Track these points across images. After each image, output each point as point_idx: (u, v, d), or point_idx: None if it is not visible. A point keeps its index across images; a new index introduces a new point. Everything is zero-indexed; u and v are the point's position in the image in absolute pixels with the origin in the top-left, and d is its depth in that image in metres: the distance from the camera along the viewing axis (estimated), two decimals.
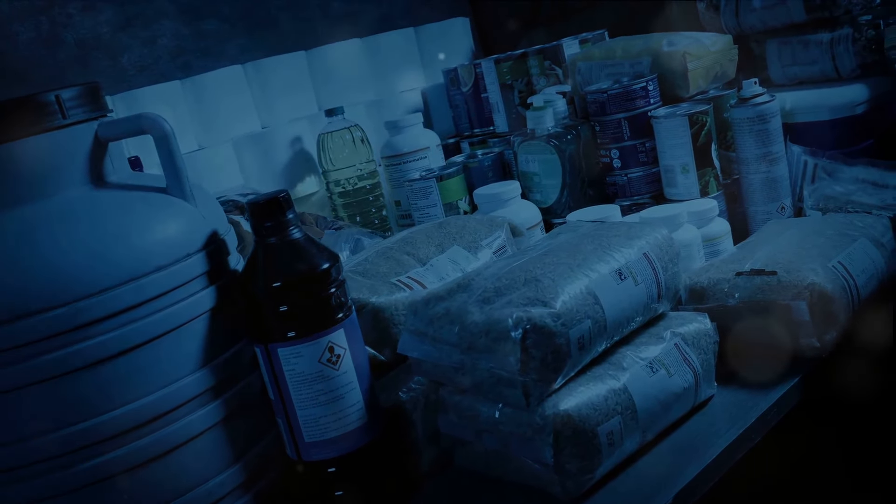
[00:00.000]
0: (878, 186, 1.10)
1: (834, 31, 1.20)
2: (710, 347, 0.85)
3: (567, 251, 0.81)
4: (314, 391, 0.74)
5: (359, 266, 0.93)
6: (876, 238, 0.97)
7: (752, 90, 1.12)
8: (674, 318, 0.87)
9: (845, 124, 1.16)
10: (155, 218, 0.71)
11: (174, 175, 0.74)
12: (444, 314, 0.77)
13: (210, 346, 0.73)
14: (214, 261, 0.75)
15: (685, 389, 0.81)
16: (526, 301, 0.74)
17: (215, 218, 0.77)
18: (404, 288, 0.88)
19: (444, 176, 1.22)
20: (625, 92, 1.17)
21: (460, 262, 0.93)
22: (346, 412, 0.76)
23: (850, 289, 0.90)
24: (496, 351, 0.72)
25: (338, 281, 0.76)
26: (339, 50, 1.65)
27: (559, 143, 1.18)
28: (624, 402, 0.76)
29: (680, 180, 1.14)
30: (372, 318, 0.86)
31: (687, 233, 1.02)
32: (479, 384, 0.76)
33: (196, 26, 1.60)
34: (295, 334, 0.73)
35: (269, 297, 0.73)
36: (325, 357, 0.74)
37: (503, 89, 1.44)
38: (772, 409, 0.84)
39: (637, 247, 0.83)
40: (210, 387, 0.73)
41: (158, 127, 0.72)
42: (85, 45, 1.47)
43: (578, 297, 0.75)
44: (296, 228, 0.76)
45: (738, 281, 0.91)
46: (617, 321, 0.78)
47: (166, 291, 0.69)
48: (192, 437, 0.72)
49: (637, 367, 0.79)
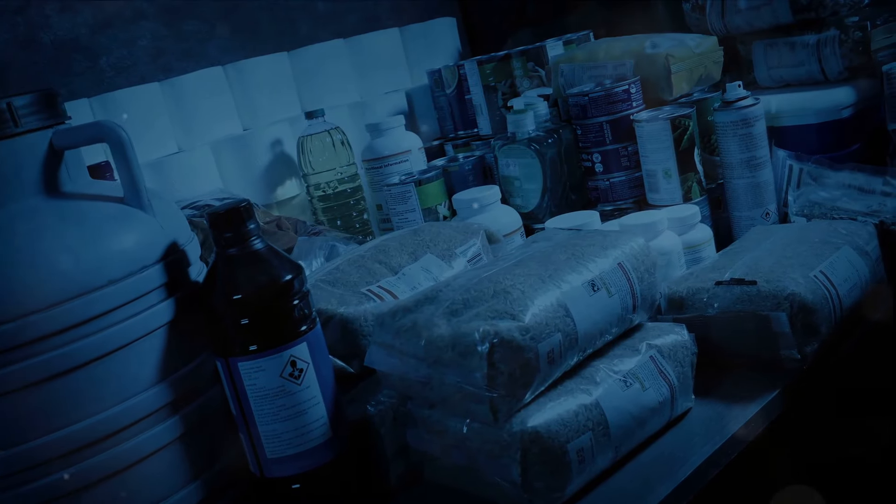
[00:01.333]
0: (864, 192, 1.07)
1: (821, 32, 1.17)
2: (688, 360, 0.83)
3: (539, 261, 0.79)
4: (276, 406, 0.72)
5: (329, 275, 0.90)
6: (860, 246, 0.95)
7: (736, 93, 1.10)
8: (650, 329, 0.85)
9: (831, 128, 1.14)
10: (109, 229, 0.68)
11: (131, 184, 0.71)
12: (410, 327, 0.75)
13: (168, 361, 0.71)
14: (173, 272, 0.72)
15: (660, 403, 0.79)
16: (494, 314, 0.72)
17: (175, 228, 0.75)
18: (374, 298, 0.86)
19: (422, 180, 1.19)
20: (606, 95, 1.14)
21: (433, 270, 0.91)
22: (309, 428, 0.73)
23: (832, 299, 0.87)
24: (462, 365, 0.70)
25: (301, 293, 0.74)
26: (321, 51, 1.63)
27: (540, 147, 1.16)
28: (595, 417, 0.74)
29: (662, 185, 1.12)
30: (340, 329, 0.84)
31: (667, 240, 1.00)
32: (447, 399, 0.74)
33: (176, 27, 1.57)
34: (256, 348, 0.71)
35: (229, 310, 0.71)
36: (287, 371, 0.72)
37: (486, 91, 1.42)
38: (750, 423, 0.81)
39: (612, 257, 0.81)
40: (168, 402, 0.71)
41: (115, 135, 0.70)
42: (62, 47, 1.45)
43: (549, 310, 0.73)
44: (257, 239, 0.73)
45: (718, 290, 0.89)
46: (589, 334, 0.76)
47: (119, 305, 0.67)
48: (148, 455, 0.70)
49: (610, 382, 0.77)
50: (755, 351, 0.87)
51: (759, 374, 0.87)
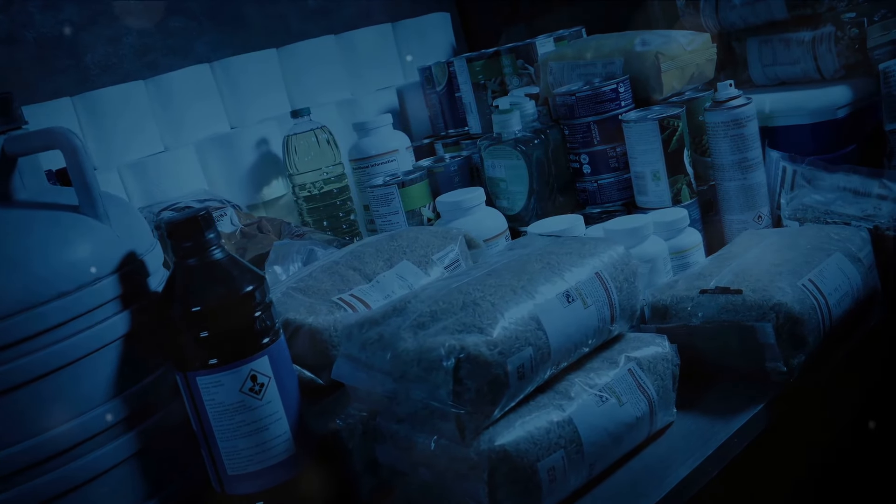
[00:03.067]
0: (860, 195, 1.04)
1: (816, 29, 1.14)
2: (669, 372, 0.80)
3: (512, 271, 0.76)
4: (235, 422, 0.70)
5: (301, 282, 0.88)
6: (852, 253, 0.92)
7: (728, 93, 1.06)
8: (630, 340, 0.82)
9: (826, 129, 1.10)
10: (60, 239, 0.66)
11: (85, 192, 0.69)
12: (377, 339, 0.72)
13: (124, 374, 0.69)
14: (129, 284, 0.70)
15: (638, 419, 0.76)
16: (461, 327, 0.69)
17: (134, 236, 0.73)
18: (345, 307, 0.83)
19: (406, 182, 1.17)
20: (594, 94, 1.11)
21: (408, 278, 0.88)
22: (271, 444, 0.71)
23: (821, 309, 0.84)
24: (428, 381, 0.68)
25: (263, 304, 0.72)
26: (311, 47, 1.60)
27: (526, 149, 1.13)
28: (568, 434, 0.71)
29: (651, 188, 1.09)
30: (309, 339, 0.81)
31: (653, 245, 0.96)
32: (414, 415, 0.71)
33: (162, 24, 1.55)
34: (216, 362, 0.69)
35: (187, 323, 0.68)
36: (248, 386, 0.69)
37: (476, 89, 1.39)
38: (732, 438, 0.78)
39: (589, 266, 0.78)
40: (122, 418, 0.68)
41: (68, 141, 0.68)
42: (45, 44, 1.43)
43: (520, 323, 0.70)
44: (217, 249, 0.71)
45: (702, 299, 0.86)
46: (563, 347, 0.73)
47: (70, 319, 0.65)
48: (102, 472, 0.67)
49: (585, 397, 0.74)
50: (740, 362, 0.84)
51: (745, 386, 0.84)
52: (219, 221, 1.14)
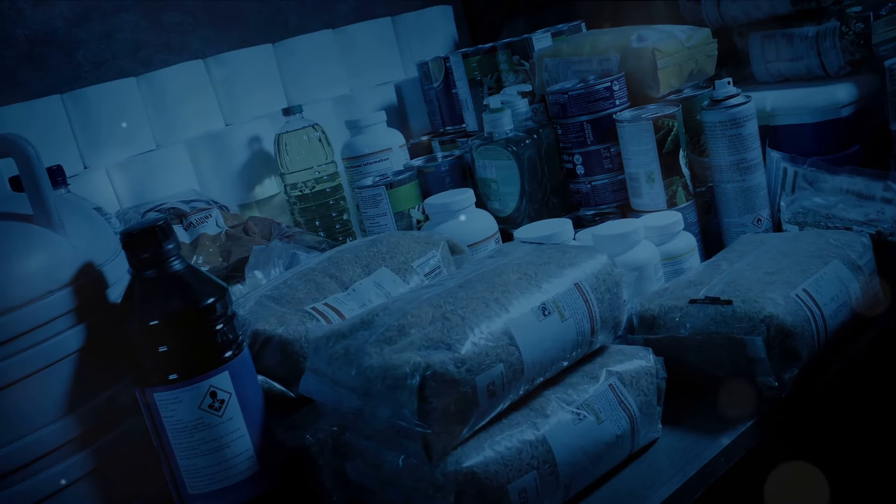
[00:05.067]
0: (863, 197, 0.99)
1: (820, 24, 1.09)
2: (653, 388, 0.77)
3: (486, 282, 0.73)
4: (195, 440, 0.67)
5: (276, 290, 0.85)
6: (852, 260, 0.88)
7: (725, 91, 1.02)
8: (613, 353, 0.78)
9: (830, 128, 1.06)
10: (8, 252, 0.64)
11: (39, 202, 0.66)
12: (343, 354, 0.69)
13: (78, 390, 0.66)
14: (85, 296, 0.67)
15: (618, 437, 0.72)
16: (428, 343, 0.66)
17: (93, 246, 0.70)
18: (318, 317, 0.81)
19: (394, 183, 1.13)
20: (587, 93, 1.07)
21: (386, 286, 0.85)
22: (232, 462, 0.69)
23: (815, 320, 0.80)
24: (393, 399, 0.65)
25: (225, 316, 0.69)
26: (309, 42, 1.57)
27: (517, 149, 1.09)
28: (542, 455, 0.68)
29: (645, 190, 1.05)
30: (280, 351, 0.79)
31: (643, 251, 0.93)
32: (380, 433, 0.68)
33: (157, 19, 1.52)
34: (176, 377, 0.66)
35: (144, 337, 0.66)
36: (207, 403, 0.67)
37: (472, 85, 1.35)
38: (718, 457, 0.75)
39: (568, 276, 0.75)
40: (77, 435, 0.66)
41: (19, 149, 0.65)
42: (37, 41, 1.41)
43: (490, 338, 0.67)
44: (177, 259, 0.68)
45: (691, 310, 0.82)
46: (538, 363, 0.70)
47: (19, 335, 0.62)
48: (55, 492, 0.65)
49: (561, 414, 0.70)
50: (730, 376, 0.81)
51: (735, 401, 0.80)
52: (204, 223, 1.12)
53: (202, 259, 1.08)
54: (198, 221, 1.11)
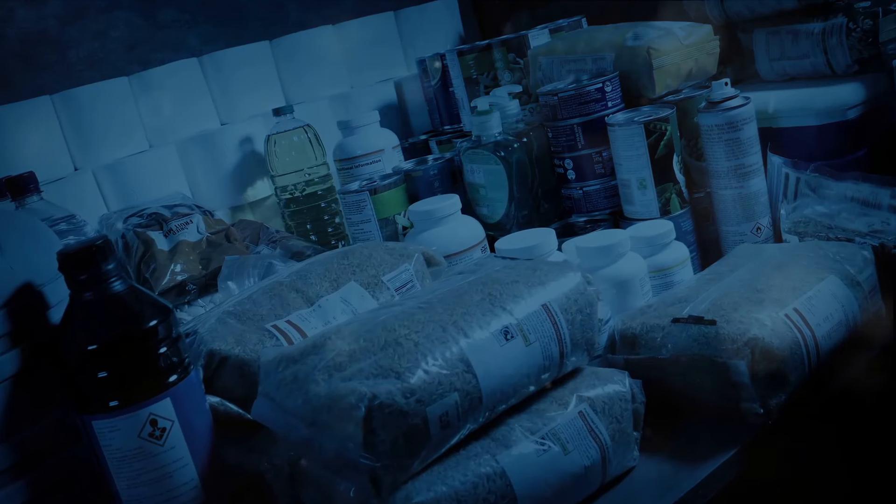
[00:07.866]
0: (869, 205, 0.93)
1: (827, 20, 1.03)
2: (627, 414, 0.72)
3: (446, 304, 0.69)
4: (134, 470, 0.64)
5: (239, 305, 0.82)
6: (850, 275, 0.82)
7: (723, 92, 0.97)
8: (586, 377, 0.74)
9: (835, 131, 1.00)
10: None
11: None
12: (291, 380, 0.66)
13: (10, 419, 0.63)
14: (21, 319, 0.64)
15: (587, 469, 0.68)
16: (377, 371, 0.62)
17: (33, 266, 0.67)
18: (278, 336, 0.77)
19: (378, 188, 1.09)
20: (578, 94, 1.02)
21: (353, 302, 0.82)
22: (177, 492, 0.65)
23: (806, 343, 0.75)
24: (339, 430, 0.61)
25: (168, 339, 0.66)
26: (307, 38, 1.53)
27: (505, 153, 1.05)
28: (500, 489, 0.64)
29: (637, 197, 1.00)
30: (237, 372, 0.75)
31: (629, 264, 0.88)
32: (329, 464, 0.65)
33: (152, 17, 1.50)
34: (117, 404, 0.63)
35: (81, 362, 0.63)
36: (147, 431, 0.64)
37: (468, 84, 1.30)
38: (697, 489, 0.70)
39: (536, 297, 0.71)
40: (10, 465, 0.63)
41: None
42: (28, 40, 1.38)
43: (444, 365, 0.63)
44: (118, 280, 0.65)
45: (674, 329, 0.78)
46: (498, 391, 0.66)
47: None
48: None
49: (523, 445, 0.66)
50: (713, 401, 0.76)
51: (719, 426, 0.76)
52: (184, 229, 1.09)
53: (181, 267, 1.05)
54: (178, 228, 1.08)
